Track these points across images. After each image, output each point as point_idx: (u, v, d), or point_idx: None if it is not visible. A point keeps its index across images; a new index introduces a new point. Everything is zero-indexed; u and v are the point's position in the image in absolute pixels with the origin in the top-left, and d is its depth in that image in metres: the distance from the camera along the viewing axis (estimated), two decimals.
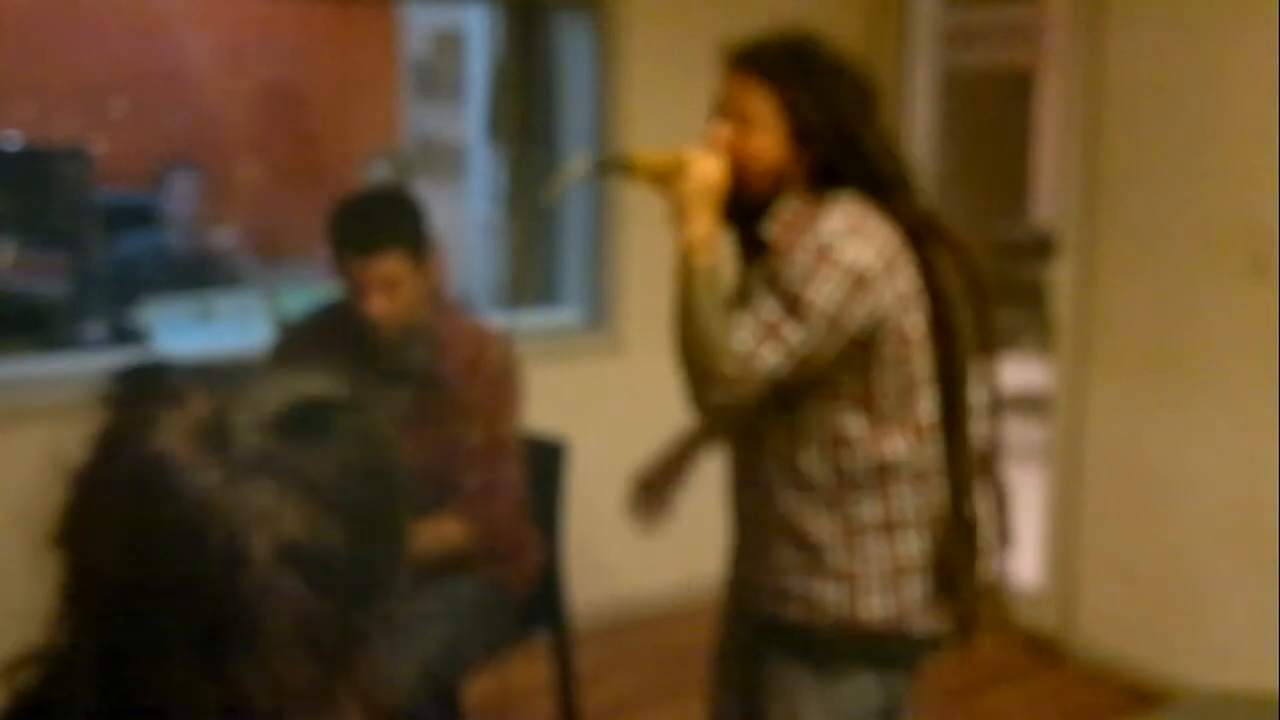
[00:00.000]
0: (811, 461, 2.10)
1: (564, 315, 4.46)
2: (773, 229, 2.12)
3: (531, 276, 4.75)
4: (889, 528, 2.12)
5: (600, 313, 4.39)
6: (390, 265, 2.65)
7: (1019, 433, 2.61)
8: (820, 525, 2.12)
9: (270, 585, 0.86)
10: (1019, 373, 5.48)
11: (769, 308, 2.00)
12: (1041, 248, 5.04)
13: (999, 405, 2.18)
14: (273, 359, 2.93)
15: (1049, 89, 8.59)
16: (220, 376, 0.95)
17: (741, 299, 2.10)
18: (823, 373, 2.05)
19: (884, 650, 2.16)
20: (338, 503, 0.90)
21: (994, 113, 8.73)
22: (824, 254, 2.01)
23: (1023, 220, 8.58)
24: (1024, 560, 4.29)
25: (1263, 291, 3.56)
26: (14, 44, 5.79)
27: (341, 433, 0.93)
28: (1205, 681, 3.66)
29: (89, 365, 3.81)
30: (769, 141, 2.11)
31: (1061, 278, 4.10)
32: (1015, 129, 8.95)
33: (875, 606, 2.13)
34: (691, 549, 3.69)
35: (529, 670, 3.39)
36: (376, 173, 5.85)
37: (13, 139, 5.41)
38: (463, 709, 3.07)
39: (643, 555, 4.33)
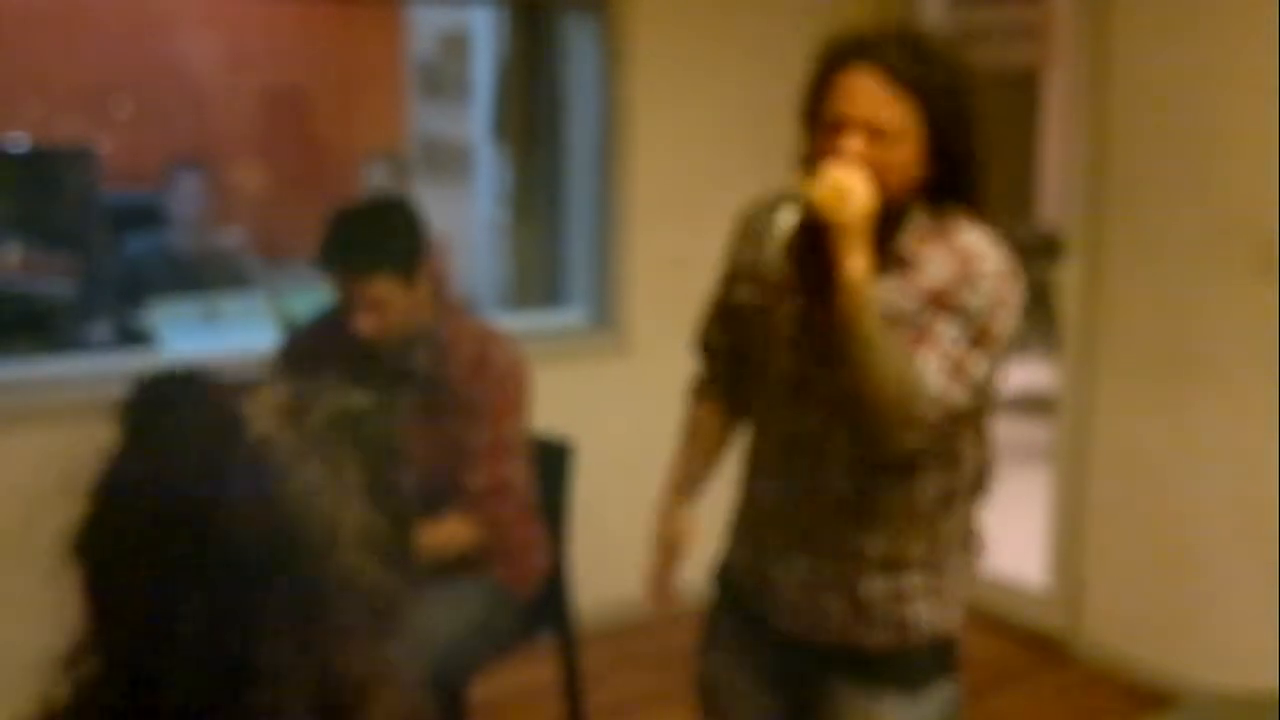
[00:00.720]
0: (925, 491, 2.04)
1: (570, 316, 4.46)
2: (910, 244, 1.99)
3: (537, 277, 4.75)
4: (966, 537, 2.12)
5: (606, 313, 4.39)
6: (377, 287, 2.63)
7: (1025, 433, 2.61)
8: (912, 547, 2.06)
9: (356, 566, 0.92)
10: (1025, 373, 5.47)
11: (951, 339, 1.90)
12: (1047, 248, 5.04)
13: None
14: (279, 362, 2.93)
15: (1055, 88, 8.58)
16: (269, 379, 1.00)
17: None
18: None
19: (957, 654, 2.15)
20: (374, 498, 0.95)
21: (999, 112, 8.71)
22: (1006, 284, 1.95)
23: (1028, 220, 8.58)
24: (1029, 561, 4.28)
25: (1269, 292, 3.55)
26: (20, 45, 5.79)
27: (370, 437, 0.98)
28: (1210, 682, 3.66)
29: (95, 366, 3.81)
30: (907, 154, 1.94)
31: (1068, 278, 4.09)
32: (1021, 129, 8.94)
33: (955, 617, 2.12)
34: (697, 551, 3.68)
35: (534, 671, 3.40)
36: (374, 175, 5.85)
37: (19, 140, 5.42)
38: (468, 709, 3.07)
39: (648, 557, 4.32)
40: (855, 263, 1.84)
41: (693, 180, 4.35)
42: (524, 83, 4.71)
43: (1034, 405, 4.85)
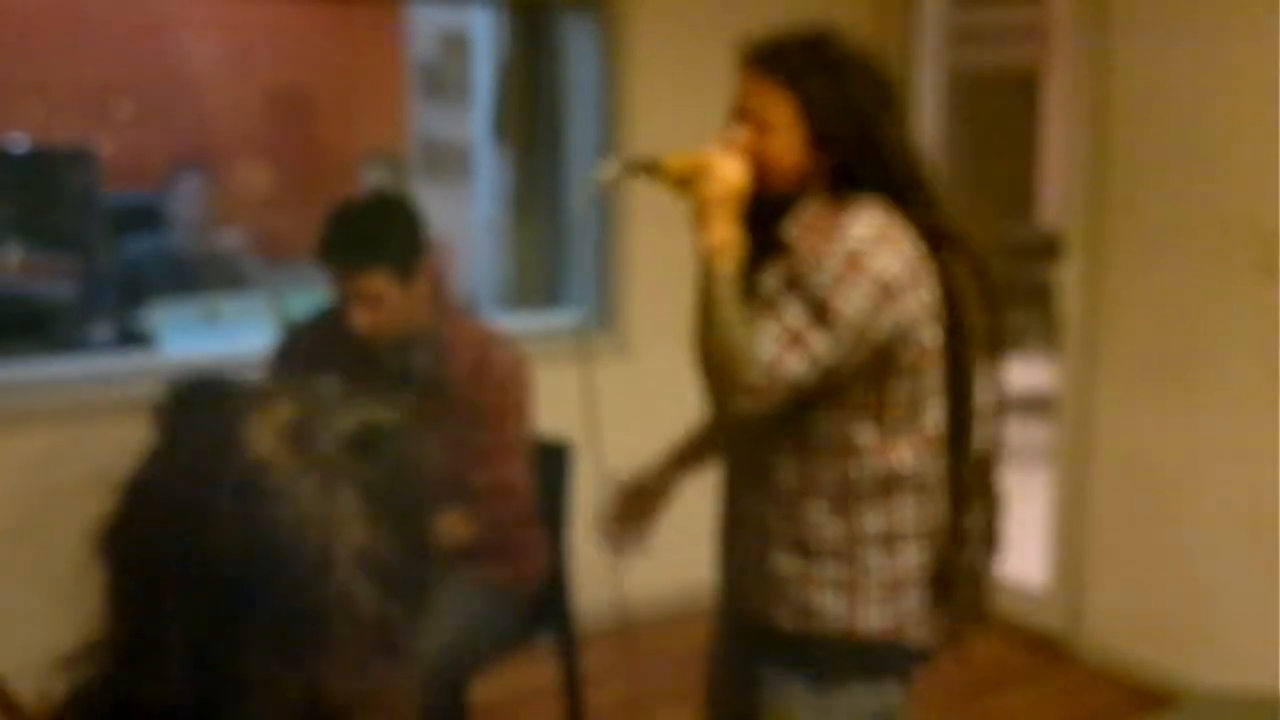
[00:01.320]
0: (819, 469, 2.07)
1: (569, 316, 4.46)
2: (792, 230, 2.06)
3: (536, 278, 4.75)
4: (890, 539, 2.09)
5: (606, 314, 4.39)
6: (373, 282, 2.64)
7: (1025, 434, 2.61)
8: (823, 534, 2.08)
9: (349, 587, 0.93)
10: (1025, 373, 5.47)
11: (794, 313, 1.95)
12: (1048, 249, 5.04)
13: (1003, 411, 2.15)
14: (276, 361, 2.93)
15: (1055, 89, 8.58)
16: (290, 393, 1.00)
17: (752, 300, 2.04)
18: (841, 382, 2.01)
19: (880, 661, 2.13)
20: (389, 518, 0.96)
21: (1000, 113, 8.72)
22: (853, 261, 1.96)
23: (1029, 221, 8.58)
24: (1030, 561, 4.28)
25: (1269, 292, 3.55)
26: (20, 46, 5.79)
27: (392, 455, 0.99)
28: (1211, 682, 3.65)
29: (95, 367, 3.81)
30: (788, 144, 2.05)
31: (1068, 279, 4.09)
32: (1021, 129, 8.94)
33: (874, 618, 2.10)
34: (697, 552, 3.68)
35: (534, 672, 3.39)
36: (373, 176, 5.85)
37: (19, 141, 5.42)
38: (469, 710, 3.07)
39: (648, 558, 4.32)
40: (712, 234, 1.99)
41: None
42: (524, 83, 4.71)
43: (1035, 405, 4.84)
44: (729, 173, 2.01)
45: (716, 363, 1.95)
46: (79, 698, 0.96)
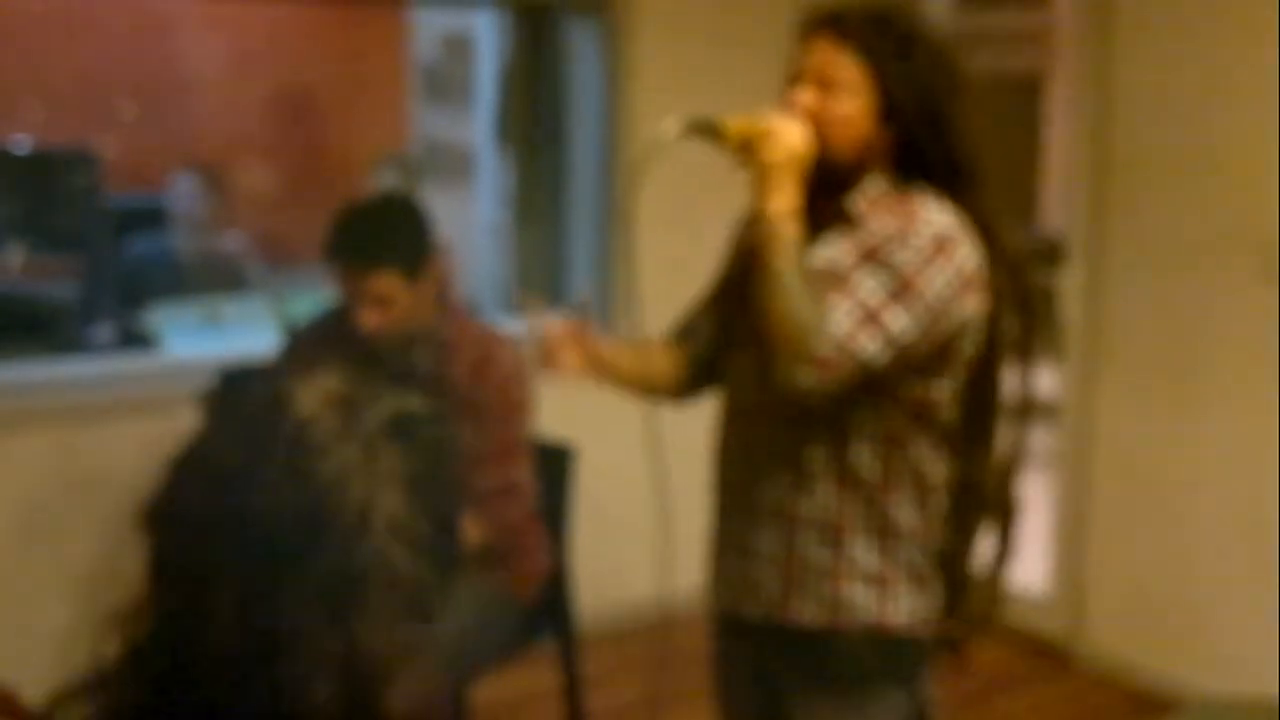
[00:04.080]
0: (860, 458, 2.01)
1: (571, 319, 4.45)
2: (859, 203, 2.01)
3: (539, 280, 4.75)
4: (918, 533, 2.06)
5: (608, 316, 4.38)
6: (381, 283, 2.64)
7: (1027, 439, 2.60)
8: (856, 524, 2.03)
9: (386, 551, 0.97)
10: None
11: (869, 289, 1.90)
12: (1050, 253, 5.04)
13: (1028, 417, 2.12)
14: (281, 361, 2.93)
15: (1057, 94, 8.58)
16: (339, 372, 1.05)
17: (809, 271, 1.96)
18: (908, 368, 1.95)
19: (910, 658, 2.10)
20: (419, 496, 1.01)
21: (1002, 118, 8.72)
22: (941, 244, 1.93)
23: (1031, 226, 8.57)
24: (1032, 566, 4.28)
25: (1270, 297, 3.55)
26: (22, 46, 5.79)
27: (424, 441, 1.04)
28: (1213, 688, 3.65)
29: (97, 368, 3.81)
30: (854, 110, 1.99)
31: (1070, 283, 4.09)
32: (1024, 134, 8.93)
33: (902, 611, 2.06)
34: (698, 555, 3.68)
35: (535, 675, 3.39)
36: (385, 177, 5.85)
37: (21, 142, 5.41)
38: (470, 713, 3.07)
39: (650, 560, 4.32)
40: (775, 200, 1.92)
41: (695, 183, 4.34)
42: (527, 86, 4.71)
43: (1036, 411, 4.84)
44: (793, 136, 1.95)
45: (783, 331, 1.86)
46: (129, 661, 0.99)
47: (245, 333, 4.17)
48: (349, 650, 0.97)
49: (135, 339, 4.27)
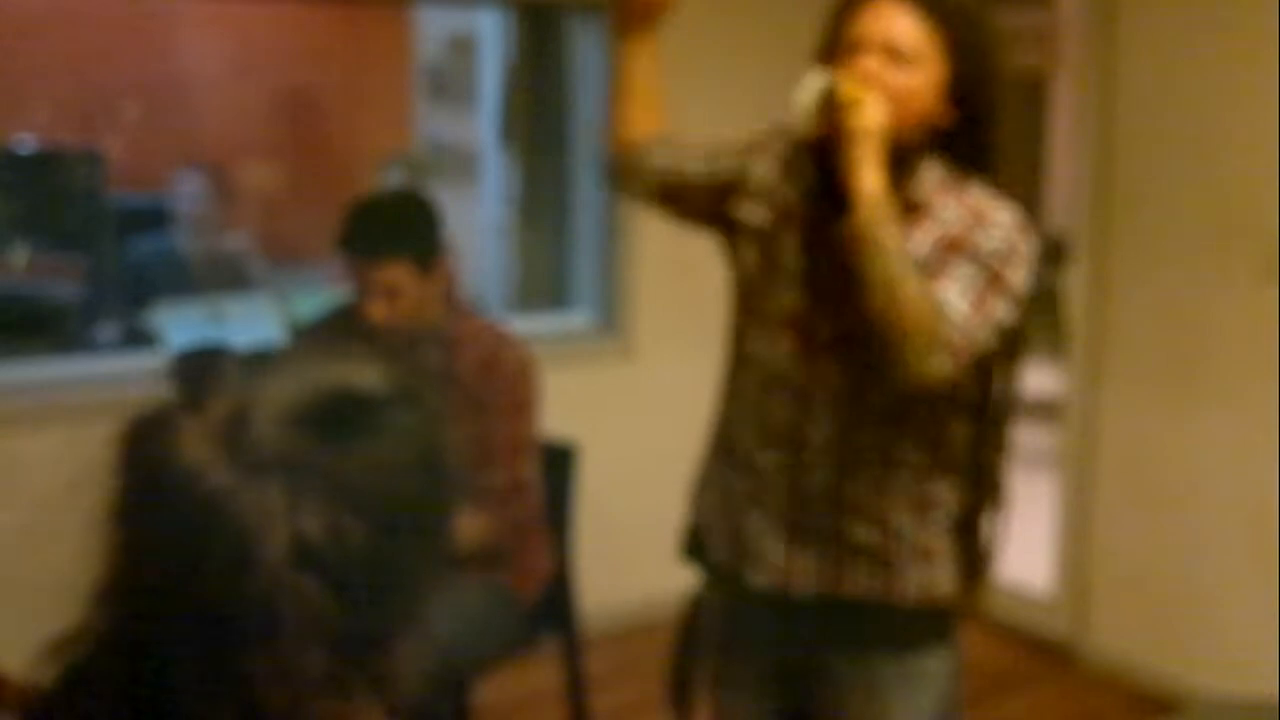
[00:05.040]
0: (910, 441, 2.01)
1: (575, 319, 4.46)
2: (923, 189, 1.96)
3: (542, 280, 4.75)
4: (952, 508, 2.08)
5: (611, 316, 4.39)
6: (392, 273, 2.65)
7: (1030, 438, 2.61)
8: (901, 503, 2.02)
9: (282, 584, 0.88)
10: (1031, 378, 5.45)
11: (969, 275, 1.87)
12: (1053, 252, 5.03)
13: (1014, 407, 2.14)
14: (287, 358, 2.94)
15: (1061, 95, 8.58)
16: (260, 365, 0.98)
17: None
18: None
19: (951, 624, 2.13)
20: (364, 499, 0.91)
21: (1006, 118, 8.71)
22: (1017, 234, 1.92)
23: (1035, 225, 8.57)
24: (1035, 566, 4.27)
25: (1274, 295, 3.54)
26: (26, 47, 5.80)
27: (377, 427, 0.95)
28: (1216, 688, 3.65)
29: (101, 368, 3.81)
30: (922, 84, 1.90)
31: (1074, 283, 4.09)
32: (1027, 134, 8.94)
33: (944, 582, 2.07)
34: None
35: (538, 675, 3.39)
36: (392, 177, 5.85)
37: (25, 142, 5.42)
38: (472, 712, 3.06)
39: (653, 560, 4.32)
40: (871, 175, 1.82)
41: None
42: (531, 86, 4.72)
43: (1040, 411, 4.84)
44: (877, 106, 1.84)
45: (912, 315, 1.79)
46: (65, 682, 0.97)
47: (249, 331, 4.17)
48: (247, 694, 0.91)
49: (139, 338, 4.27)
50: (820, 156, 1.91)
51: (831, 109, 1.85)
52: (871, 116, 1.82)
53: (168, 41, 6.26)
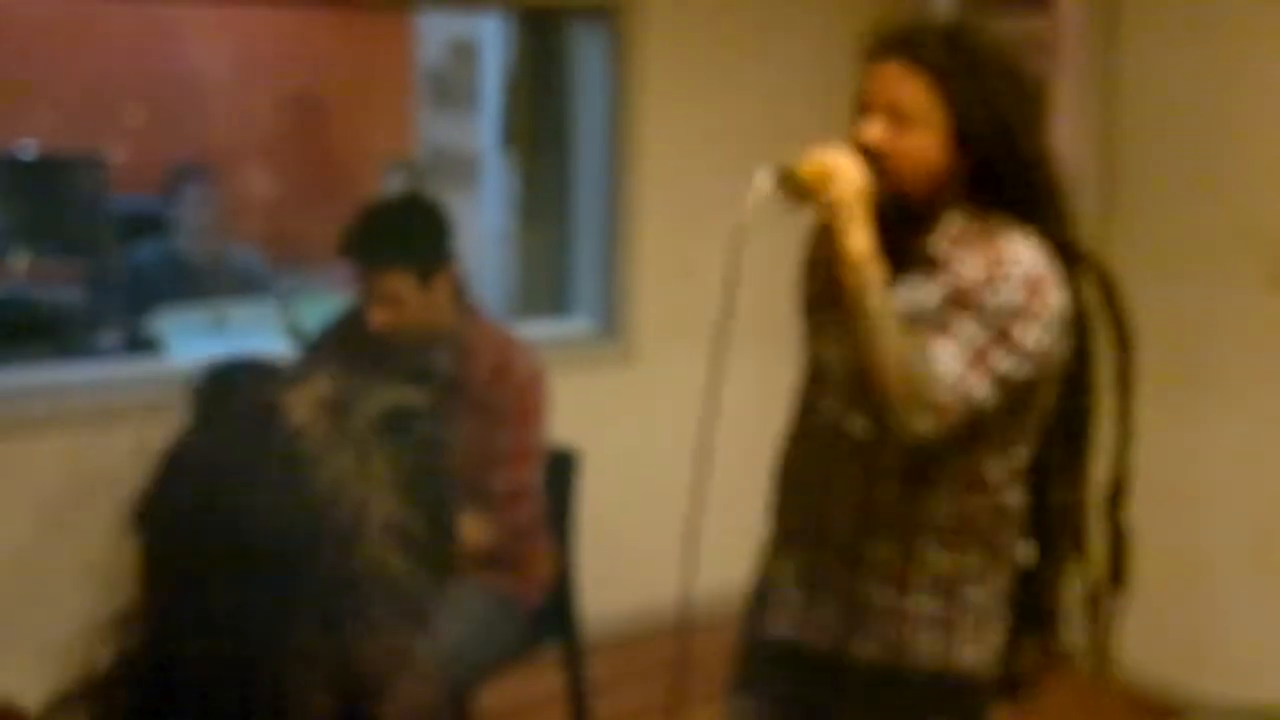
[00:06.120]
0: (938, 502, 1.97)
1: (576, 324, 4.46)
2: (940, 244, 1.94)
3: (544, 285, 4.75)
4: (985, 574, 2.03)
5: (613, 322, 4.38)
6: (392, 282, 2.66)
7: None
8: (925, 567, 1.99)
9: (380, 557, 0.95)
10: None
11: (971, 332, 1.85)
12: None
13: (1130, 439, 2.10)
14: (305, 362, 2.94)
15: (1063, 98, 8.57)
16: (325, 373, 1.03)
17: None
18: (1019, 409, 1.91)
19: (974, 698, 2.08)
20: (415, 494, 0.98)
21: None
22: (1033, 287, 1.87)
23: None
24: None
25: (1279, 303, 3.54)
26: (29, 52, 5.80)
27: (420, 436, 1.02)
28: (1223, 695, 3.64)
29: (103, 373, 3.81)
30: (927, 140, 1.91)
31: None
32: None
33: (969, 654, 2.03)
34: (705, 559, 3.68)
35: (540, 681, 3.39)
36: (394, 182, 5.85)
37: (28, 147, 5.42)
38: (474, 718, 3.06)
39: (655, 566, 4.31)
40: (853, 240, 1.83)
41: (701, 189, 4.35)
42: (533, 91, 4.71)
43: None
44: (851, 172, 1.86)
45: (897, 377, 1.80)
46: (122, 667, 0.97)
47: (252, 337, 4.17)
48: (344, 659, 0.95)
49: (141, 343, 4.28)
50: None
51: (801, 190, 1.89)
52: (845, 186, 1.85)
53: (171, 47, 6.26)
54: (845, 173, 1.86)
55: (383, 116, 6.86)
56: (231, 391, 1.01)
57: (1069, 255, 1.97)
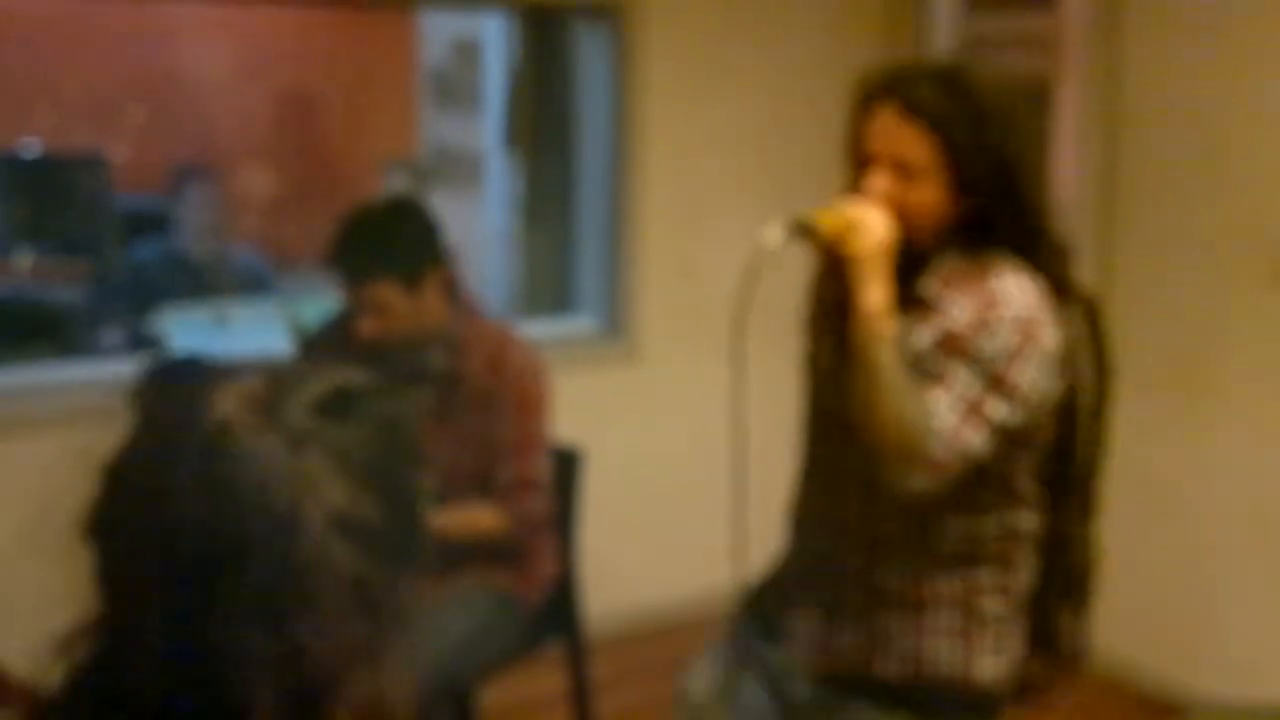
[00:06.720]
0: (946, 530, 1.99)
1: (580, 323, 4.46)
2: (932, 286, 1.95)
3: (547, 284, 4.75)
4: (1002, 586, 2.05)
5: (616, 321, 4.38)
6: (378, 292, 2.64)
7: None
8: (939, 588, 2.01)
9: (324, 550, 0.92)
10: None
11: (965, 381, 1.85)
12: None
13: (1100, 466, 2.10)
14: (298, 362, 2.94)
15: (1066, 99, 8.57)
16: (259, 368, 1.00)
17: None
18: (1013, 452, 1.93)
19: (990, 709, 2.10)
20: (370, 479, 0.95)
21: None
22: (1026, 332, 1.88)
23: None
24: None
25: None
26: (31, 52, 5.81)
27: (369, 416, 0.98)
28: (1222, 693, 3.64)
29: (106, 371, 3.81)
30: (932, 192, 1.92)
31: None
32: (1032, 139, 8.94)
33: (988, 666, 2.05)
34: (706, 559, 3.68)
35: (543, 679, 3.39)
36: (394, 182, 5.86)
37: (30, 146, 5.43)
38: (476, 717, 3.06)
39: (658, 565, 4.32)
40: (870, 295, 1.84)
41: (703, 189, 4.35)
42: (535, 91, 4.72)
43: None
44: (878, 225, 1.87)
45: (893, 434, 1.81)
46: (73, 681, 0.96)
47: (254, 335, 4.17)
48: (292, 655, 0.92)
49: (144, 342, 4.28)
50: (832, 267, 1.97)
51: (821, 242, 1.90)
52: (869, 239, 1.86)
53: (173, 46, 6.26)
54: (870, 226, 1.87)
55: (385, 116, 6.86)
56: (166, 390, 1.00)
57: (1061, 289, 1.98)
